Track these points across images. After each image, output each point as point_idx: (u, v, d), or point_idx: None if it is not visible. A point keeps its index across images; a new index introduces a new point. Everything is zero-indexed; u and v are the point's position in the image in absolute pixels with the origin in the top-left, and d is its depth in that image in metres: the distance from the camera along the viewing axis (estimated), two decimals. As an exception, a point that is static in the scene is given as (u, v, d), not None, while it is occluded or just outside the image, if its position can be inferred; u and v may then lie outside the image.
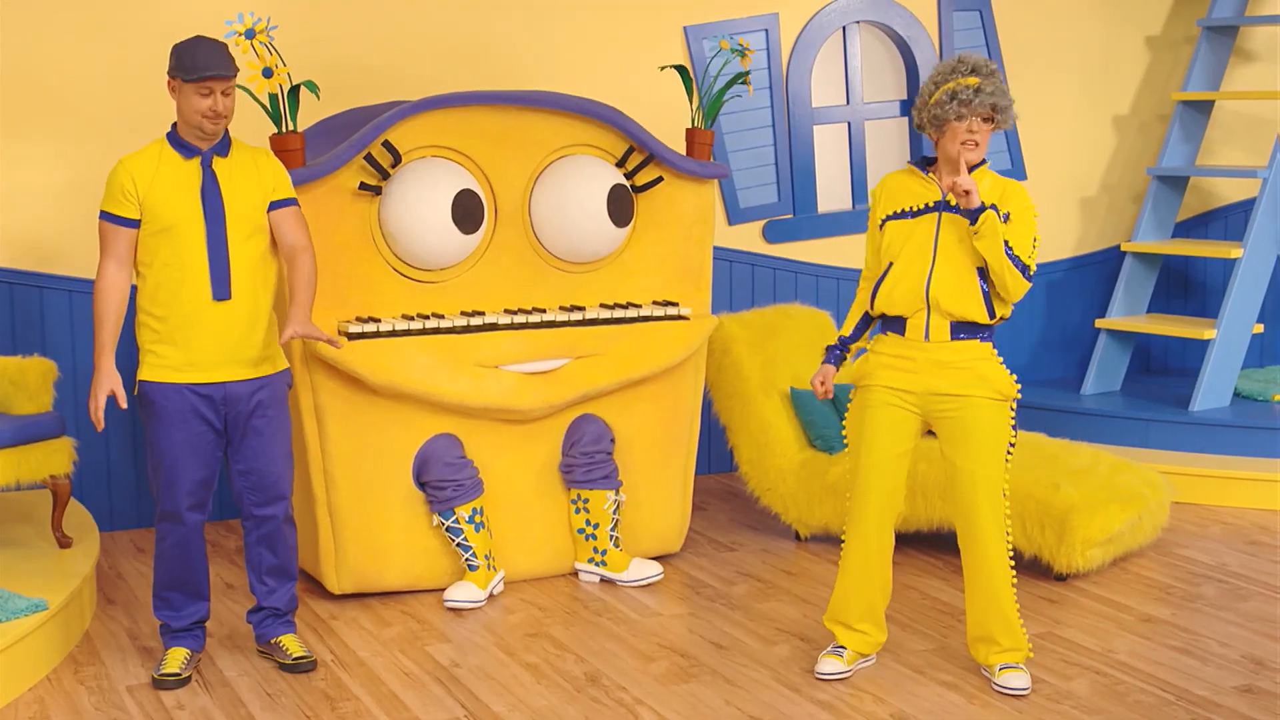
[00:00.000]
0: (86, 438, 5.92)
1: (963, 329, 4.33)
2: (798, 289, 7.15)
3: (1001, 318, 4.34)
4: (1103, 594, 5.33)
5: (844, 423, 4.55)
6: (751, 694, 4.44)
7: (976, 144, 4.28)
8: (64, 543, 5.23)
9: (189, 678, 4.53)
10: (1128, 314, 7.58)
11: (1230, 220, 8.06)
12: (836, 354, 4.57)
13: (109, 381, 4.34)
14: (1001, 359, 4.37)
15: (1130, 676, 4.56)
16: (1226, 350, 7.06)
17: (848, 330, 4.56)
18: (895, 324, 4.40)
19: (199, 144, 4.37)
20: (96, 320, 4.36)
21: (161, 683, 4.49)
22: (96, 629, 5.02)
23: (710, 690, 4.48)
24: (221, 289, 4.37)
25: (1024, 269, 4.25)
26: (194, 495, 4.46)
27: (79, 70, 5.92)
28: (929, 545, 5.84)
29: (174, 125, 4.41)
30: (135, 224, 4.35)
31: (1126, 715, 4.26)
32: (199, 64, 4.28)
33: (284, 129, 4.97)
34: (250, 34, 4.85)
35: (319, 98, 5.26)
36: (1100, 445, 6.33)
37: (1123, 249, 7.54)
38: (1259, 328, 7.22)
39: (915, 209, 4.37)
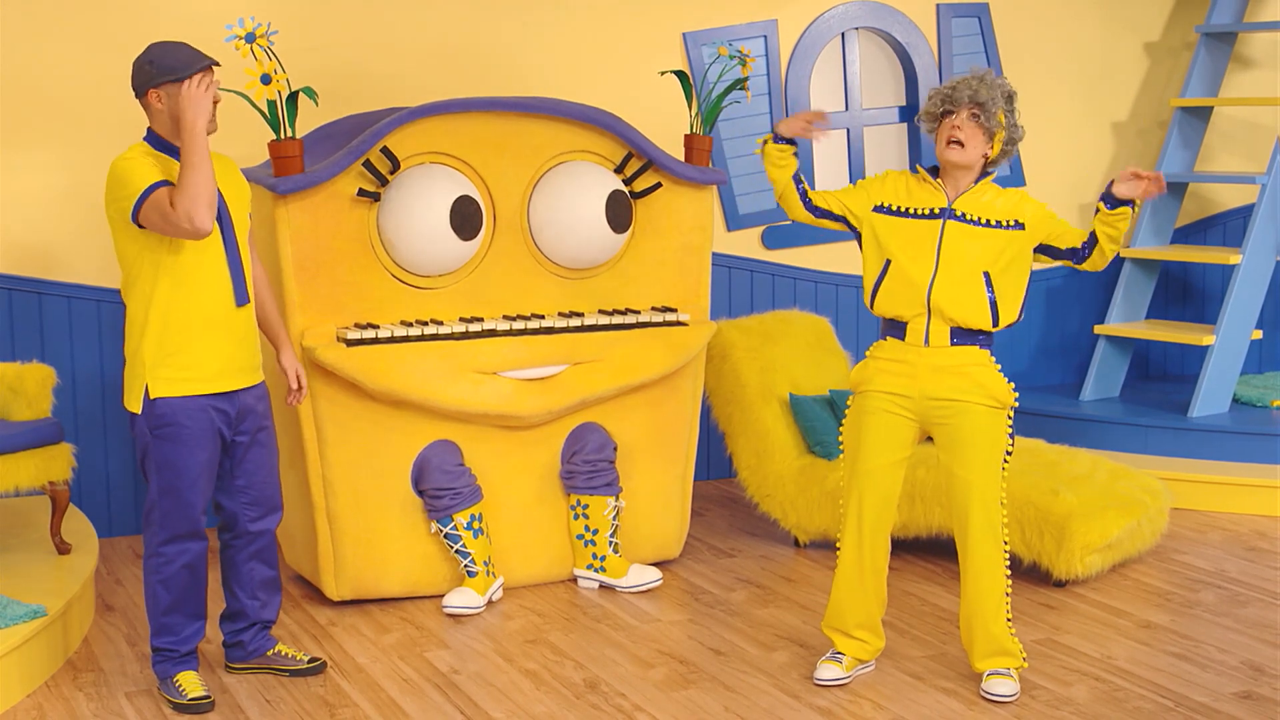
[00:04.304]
0: (85, 444, 5.92)
1: (963, 335, 4.34)
2: (796, 295, 7.15)
3: (1008, 324, 4.36)
4: (1101, 600, 5.33)
5: (841, 428, 4.55)
6: (750, 700, 4.44)
7: (961, 144, 4.29)
8: (63, 549, 5.22)
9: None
10: (1126, 320, 7.58)
11: (1229, 226, 8.06)
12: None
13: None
14: (999, 366, 4.38)
15: (1129, 683, 4.56)
16: (1225, 356, 7.05)
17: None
18: (896, 328, 4.41)
19: None
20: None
21: (197, 706, 4.35)
22: (95, 635, 5.02)
23: (709, 696, 4.47)
24: (242, 294, 4.31)
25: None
26: (205, 512, 4.41)
27: (78, 77, 5.92)
28: (928, 551, 5.84)
29: (151, 134, 4.24)
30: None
31: (1125, 721, 4.27)
32: (189, 57, 4.17)
33: (282, 135, 4.97)
34: (250, 38, 4.85)
35: (317, 104, 5.26)
36: (1099, 451, 6.33)
37: (1121, 255, 7.54)
38: (1258, 334, 7.22)
39: (918, 211, 4.37)
